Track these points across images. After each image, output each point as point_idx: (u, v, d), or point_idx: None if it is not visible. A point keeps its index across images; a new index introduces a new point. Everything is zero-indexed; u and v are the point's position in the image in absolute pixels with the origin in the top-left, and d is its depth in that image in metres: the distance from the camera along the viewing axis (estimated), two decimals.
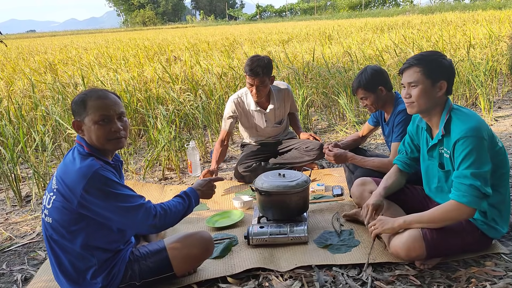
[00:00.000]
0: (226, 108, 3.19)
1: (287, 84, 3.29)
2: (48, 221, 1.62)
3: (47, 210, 1.62)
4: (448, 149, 1.81)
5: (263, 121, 3.19)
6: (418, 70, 1.79)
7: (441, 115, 1.83)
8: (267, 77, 2.96)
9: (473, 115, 1.77)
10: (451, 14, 21.20)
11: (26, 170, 3.79)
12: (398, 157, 2.16)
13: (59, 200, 1.58)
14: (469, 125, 1.71)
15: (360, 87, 2.45)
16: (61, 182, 1.57)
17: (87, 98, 1.64)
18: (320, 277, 1.84)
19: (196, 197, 1.83)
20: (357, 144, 2.90)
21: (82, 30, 57.14)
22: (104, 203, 1.55)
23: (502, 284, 1.70)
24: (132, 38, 19.52)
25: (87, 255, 1.62)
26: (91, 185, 1.53)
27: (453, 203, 1.71)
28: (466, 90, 4.99)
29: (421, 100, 1.80)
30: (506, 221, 1.89)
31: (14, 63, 9.67)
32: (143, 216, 1.60)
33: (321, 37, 11.96)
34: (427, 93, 1.79)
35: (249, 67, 2.90)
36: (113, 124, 1.65)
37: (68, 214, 1.57)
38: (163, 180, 3.44)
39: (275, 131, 3.27)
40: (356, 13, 41.59)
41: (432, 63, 1.78)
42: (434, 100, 1.80)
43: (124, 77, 5.76)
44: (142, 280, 1.71)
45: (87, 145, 1.65)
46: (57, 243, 1.62)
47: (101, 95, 1.67)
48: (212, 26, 42.25)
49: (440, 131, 1.81)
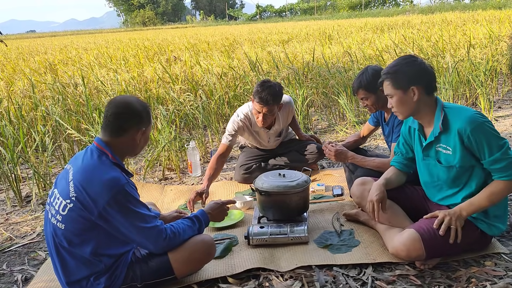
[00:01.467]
0: (230, 124, 2.95)
1: (289, 97, 3.13)
2: (60, 227, 1.59)
3: (60, 216, 1.59)
4: (448, 144, 1.83)
5: (267, 138, 3.12)
6: (387, 83, 1.89)
7: (433, 115, 1.87)
8: (276, 105, 2.78)
9: (465, 108, 1.83)
10: (451, 14, 21.19)
11: (26, 170, 3.79)
12: (394, 159, 2.18)
13: (76, 208, 1.55)
14: (466, 116, 1.75)
15: (361, 88, 2.44)
16: (82, 191, 1.55)
17: (148, 108, 1.73)
18: (320, 277, 1.84)
19: (206, 221, 1.89)
20: (357, 145, 2.90)
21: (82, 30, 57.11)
22: (123, 219, 1.56)
23: (502, 284, 1.71)
24: (132, 38, 19.51)
25: (96, 261, 1.62)
26: (115, 200, 1.54)
27: (505, 183, 1.74)
28: (466, 90, 4.99)
29: (400, 108, 1.89)
30: (505, 217, 1.90)
31: (14, 63, 9.67)
32: (154, 238, 1.63)
33: (321, 37, 11.96)
34: (403, 101, 1.86)
35: (259, 95, 2.69)
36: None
37: (84, 223, 1.56)
38: (163, 180, 3.44)
39: (276, 143, 3.24)
40: (356, 13, 41.57)
41: (397, 74, 1.85)
42: (415, 105, 1.86)
43: (124, 77, 5.76)
44: (143, 282, 1.71)
45: (113, 154, 1.64)
46: (66, 249, 1.61)
47: None
48: (212, 26, 42.23)
49: (438, 128, 1.83)
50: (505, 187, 1.75)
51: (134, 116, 1.65)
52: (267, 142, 3.15)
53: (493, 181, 1.78)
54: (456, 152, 1.80)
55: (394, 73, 1.85)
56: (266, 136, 3.11)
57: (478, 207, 1.79)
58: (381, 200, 1.95)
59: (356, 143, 2.87)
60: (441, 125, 1.82)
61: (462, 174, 1.84)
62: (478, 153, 1.77)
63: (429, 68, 1.86)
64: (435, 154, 1.90)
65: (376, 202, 1.94)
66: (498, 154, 1.72)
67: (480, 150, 1.75)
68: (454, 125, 1.78)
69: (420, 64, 1.84)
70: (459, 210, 1.80)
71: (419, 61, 1.85)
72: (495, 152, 1.73)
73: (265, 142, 3.15)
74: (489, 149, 1.73)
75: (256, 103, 2.76)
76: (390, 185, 2.06)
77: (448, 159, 1.85)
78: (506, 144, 1.74)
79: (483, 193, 1.79)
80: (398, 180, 2.11)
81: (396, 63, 1.88)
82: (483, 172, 1.82)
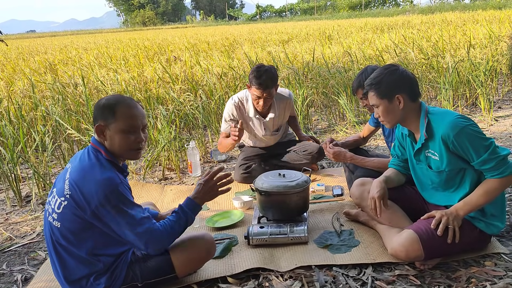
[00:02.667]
0: (226, 109, 3.08)
1: (290, 92, 3.18)
2: (56, 226, 1.60)
3: (56, 214, 1.60)
4: (434, 150, 1.84)
5: (262, 128, 3.12)
6: (372, 94, 1.91)
7: (419, 121, 1.88)
8: (274, 88, 2.89)
9: (448, 112, 1.83)
10: (451, 14, 21.19)
11: (26, 170, 3.79)
12: (392, 161, 2.20)
13: (70, 206, 1.56)
14: (448, 122, 1.76)
15: (361, 88, 2.44)
16: (76, 189, 1.55)
17: (117, 104, 1.62)
18: (320, 277, 1.84)
19: (195, 207, 1.75)
20: (357, 144, 2.89)
21: (82, 30, 57.12)
22: (115, 219, 1.55)
23: (502, 284, 1.71)
24: (132, 38, 19.52)
25: (94, 261, 1.62)
26: (108, 200, 1.53)
27: (498, 180, 1.74)
28: (466, 90, 4.99)
29: (387, 117, 1.91)
30: (504, 214, 1.90)
31: (14, 63, 9.67)
32: (145, 239, 1.59)
33: (321, 37, 11.96)
34: (389, 110, 1.88)
35: (258, 80, 2.76)
36: (138, 135, 1.66)
37: (79, 222, 1.56)
38: (163, 180, 3.44)
39: (274, 139, 3.23)
40: (356, 13, 41.57)
41: (380, 84, 1.86)
42: (401, 112, 1.87)
43: (124, 77, 5.76)
44: (144, 281, 1.71)
45: (106, 151, 1.63)
46: (64, 247, 1.61)
47: (131, 104, 1.65)
48: (212, 26, 42.25)
49: (423, 135, 1.85)
50: (499, 185, 1.76)
51: (98, 113, 1.64)
52: (262, 133, 3.14)
53: (486, 180, 1.79)
54: (443, 158, 1.81)
55: (377, 84, 1.87)
56: (261, 126, 3.11)
57: (474, 206, 1.79)
58: (382, 196, 1.95)
59: (356, 143, 2.87)
60: (425, 133, 1.84)
61: (454, 177, 1.86)
62: (466, 156, 1.77)
63: (411, 75, 1.89)
64: (425, 159, 1.92)
65: (378, 198, 1.94)
66: (485, 155, 1.72)
67: (467, 154, 1.75)
68: (438, 132, 1.79)
69: (402, 72, 1.87)
70: (456, 210, 1.81)
71: (400, 69, 1.88)
72: (482, 153, 1.72)
73: (260, 133, 3.14)
74: (475, 151, 1.73)
75: (255, 90, 2.81)
76: (391, 183, 2.06)
77: (436, 164, 1.86)
78: (492, 143, 1.74)
79: (477, 191, 1.79)
80: (398, 179, 2.12)
81: (378, 73, 1.90)
82: (475, 172, 1.83)
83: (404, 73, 1.87)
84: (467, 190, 1.84)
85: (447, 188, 1.91)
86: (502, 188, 1.77)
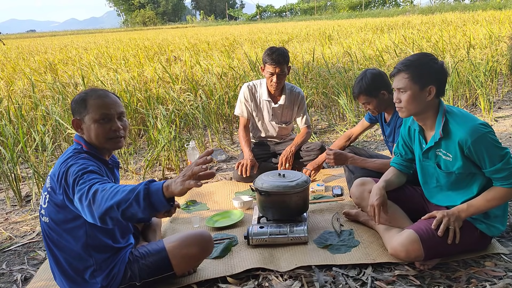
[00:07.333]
0: (240, 94, 3.23)
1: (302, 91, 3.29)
2: (45, 221, 1.62)
3: (44, 210, 1.63)
4: (448, 151, 1.81)
5: (270, 114, 3.19)
6: (406, 76, 1.79)
7: (435, 118, 1.83)
8: (286, 65, 3.01)
9: (469, 116, 1.79)
10: (451, 14, 21.20)
11: (26, 170, 3.78)
12: (394, 160, 2.17)
13: (52, 197, 1.58)
14: (468, 127, 1.72)
15: (362, 93, 2.41)
16: (53, 179, 1.58)
17: (87, 97, 1.65)
18: (320, 277, 1.84)
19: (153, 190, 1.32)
20: (345, 146, 2.89)
21: (82, 30, 57.15)
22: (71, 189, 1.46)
23: (502, 284, 1.71)
24: (132, 38, 19.52)
25: (85, 256, 1.62)
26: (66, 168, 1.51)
27: (507, 190, 1.74)
28: (466, 90, 4.99)
29: (410, 105, 1.81)
30: (505, 217, 1.90)
31: (14, 63, 9.67)
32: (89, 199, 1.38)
33: (321, 37, 11.96)
34: (416, 98, 1.79)
35: (270, 57, 2.94)
36: (113, 123, 1.66)
37: (62, 212, 1.57)
38: (163, 180, 3.43)
39: (277, 131, 3.26)
40: (356, 13, 41.59)
41: (420, 69, 1.77)
42: (424, 105, 1.80)
43: (124, 77, 5.76)
44: (142, 280, 1.71)
45: (85, 143, 1.66)
46: (55, 242, 1.62)
47: (101, 94, 1.67)
48: (212, 26, 42.25)
49: (438, 134, 1.81)
50: (506, 194, 1.75)
51: (73, 108, 1.68)
52: (268, 118, 3.22)
53: (494, 187, 1.78)
54: (457, 160, 1.79)
55: (416, 67, 1.77)
56: (269, 111, 3.19)
57: (476, 210, 1.79)
58: (382, 204, 1.94)
59: (346, 143, 2.88)
60: (441, 132, 1.80)
61: (462, 179, 1.84)
62: (479, 163, 1.76)
63: (447, 71, 1.83)
64: (435, 158, 1.89)
65: (377, 206, 1.94)
66: (499, 165, 1.71)
67: (481, 160, 1.74)
68: (456, 134, 1.75)
69: (442, 64, 1.80)
70: (458, 212, 1.80)
71: (440, 61, 1.81)
72: (497, 163, 1.71)
73: (267, 118, 3.23)
74: (490, 159, 1.72)
75: (268, 66, 2.98)
76: (391, 186, 2.05)
77: (447, 165, 1.84)
78: (507, 154, 1.73)
79: (483, 197, 1.78)
80: (398, 181, 2.11)
81: (418, 57, 1.80)
82: (484, 178, 1.81)
83: (443, 66, 1.80)
84: (474, 193, 1.83)
85: (453, 189, 1.89)
86: (509, 197, 1.77)
